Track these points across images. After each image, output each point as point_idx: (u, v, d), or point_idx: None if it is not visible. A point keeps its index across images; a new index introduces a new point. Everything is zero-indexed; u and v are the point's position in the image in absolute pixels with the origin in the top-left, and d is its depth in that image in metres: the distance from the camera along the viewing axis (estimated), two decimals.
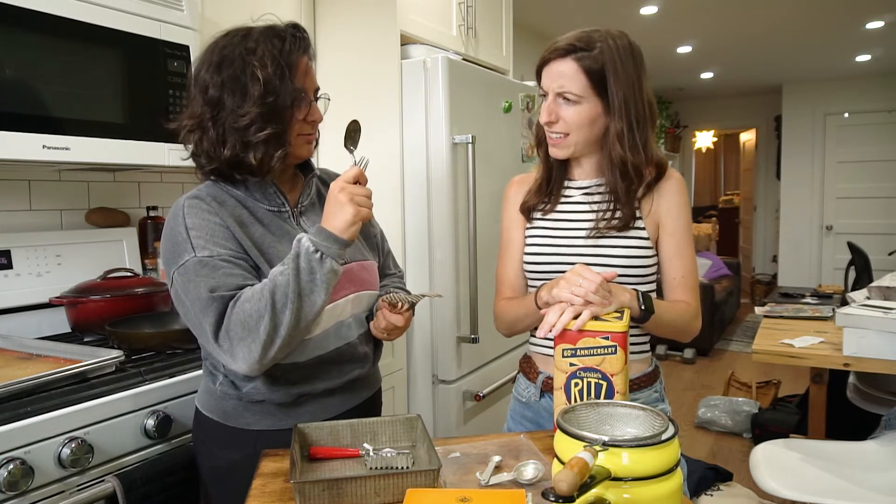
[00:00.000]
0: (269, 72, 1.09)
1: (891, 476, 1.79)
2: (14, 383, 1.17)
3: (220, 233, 1.08)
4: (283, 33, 1.13)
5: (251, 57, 1.10)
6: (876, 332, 2.07)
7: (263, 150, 1.11)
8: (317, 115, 1.19)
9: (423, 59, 2.12)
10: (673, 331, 1.23)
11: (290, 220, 1.21)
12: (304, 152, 1.21)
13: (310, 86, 1.18)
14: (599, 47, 1.17)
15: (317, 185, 1.30)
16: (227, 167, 1.14)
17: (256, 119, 1.09)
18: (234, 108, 1.10)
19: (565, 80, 1.18)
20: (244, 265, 1.08)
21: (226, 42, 1.14)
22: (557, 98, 1.20)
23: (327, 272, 1.03)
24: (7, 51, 1.32)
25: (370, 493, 0.89)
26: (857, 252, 4.17)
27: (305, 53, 1.16)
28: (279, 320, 1.00)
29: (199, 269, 1.04)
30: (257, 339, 1.00)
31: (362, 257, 1.27)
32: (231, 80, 1.10)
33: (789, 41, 5.23)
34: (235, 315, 1.01)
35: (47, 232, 1.73)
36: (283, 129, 1.13)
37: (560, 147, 1.24)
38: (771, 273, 7.87)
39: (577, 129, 1.20)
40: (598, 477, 0.71)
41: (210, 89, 1.11)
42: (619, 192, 1.22)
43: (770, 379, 4.15)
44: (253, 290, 1.03)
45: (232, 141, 1.11)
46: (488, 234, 2.25)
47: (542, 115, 1.23)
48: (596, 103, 1.19)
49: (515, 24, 3.00)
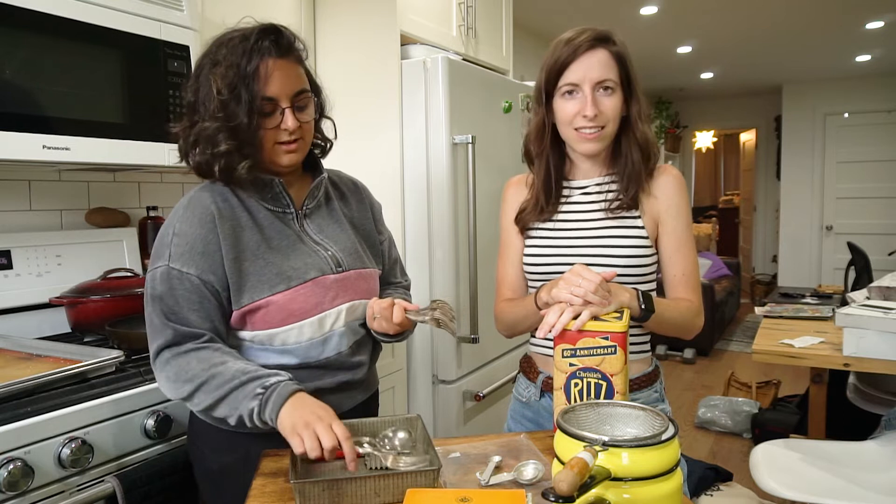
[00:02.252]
0: (221, 85, 1.07)
1: (891, 476, 1.79)
2: (14, 383, 1.17)
3: (199, 247, 1.09)
4: (248, 39, 1.09)
5: (216, 69, 1.09)
6: (876, 332, 2.07)
7: (226, 160, 1.10)
8: (289, 124, 1.12)
9: (423, 59, 2.12)
10: (675, 329, 1.23)
11: (293, 222, 1.20)
12: (285, 161, 1.16)
13: (281, 92, 1.11)
14: (614, 37, 1.20)
15: (326, 188, 1.28)
16: (197, 171, 1.16)
17: (218, 130, 1.09)
18: (202, 118, 1.11)
19: (605, 68, 1.18)
20: (204, 291, 1.09)
21: (206, 51, 1.13)
22: (597, 89, 1.19)
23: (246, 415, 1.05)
24: (7, 51, 1.32)
25: (370, 493, 0.89)
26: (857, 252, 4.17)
27: (274, 56, 1.10)
28: (192, 402, 1.08)
29: (164, 282, 1.09)
30: (180, 390, 1.08)
31: (362, 265, 1.26)
32: (200, 90, 1.11)
33: (789, 41, 5.23)
34: (178, 362, 1.07)
35: (47, 232, 1.73)
36: (246, 141, 1.10)
37: (597, 140, 1.22)
38: (771, 273, 7.87)
39: (613, 119, 1.21)
40: (598, 477, 0.71)
41: (189, 96, 1.14)
42: (641, 173, 1.23)
43: (770, 379, 4.15)
44: (203, 357, 1.07)
45: (201, 147, 1.12)
46: (488, 234, 2.25)
47: (588, 109, 1.17)
48: (621, 93, 1.21)
49: (515, 24, 3.00)
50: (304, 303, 1.14)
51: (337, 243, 1.23)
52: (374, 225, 1.36)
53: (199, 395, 1.06)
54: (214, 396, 1.05)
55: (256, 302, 1.11)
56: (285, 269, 1.14)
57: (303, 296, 1.14)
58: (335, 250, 1.22)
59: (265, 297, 1.11)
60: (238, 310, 1.12)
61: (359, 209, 1.34)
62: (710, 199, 10.00)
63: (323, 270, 1.18)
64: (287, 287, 1.13)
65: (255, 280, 1.12)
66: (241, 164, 1.11)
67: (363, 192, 1.39)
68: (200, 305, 1.09)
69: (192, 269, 1.08)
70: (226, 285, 1.11)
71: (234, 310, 1.12)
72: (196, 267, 1.08)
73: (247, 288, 1.11)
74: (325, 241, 1.22)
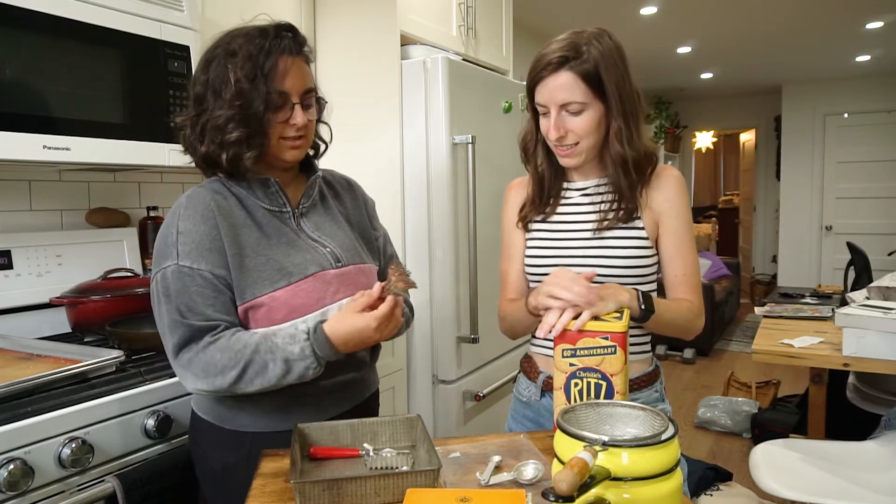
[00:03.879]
0: (241, 74, 1.09)
1: (891, 476, 1.79)
2: (14, 383, 1.17)
3: (206, 243, 1.10)
4: (267, 33, 1.13)
5: (231, 58, 1.11)
6: (875, 332, 2.07)
7: (235, 150, 1.12)
8: (298, 120, 1.15)
9: (423, 59, 2.12)
10: (675, 329, 1.23)
11: (290, 220, 1.21)
12: (289, 156, 1.18)
13: (293, 88, 1.15)
14: (587, 50, 1.16)
15: (320, 187, 1.30)
16: (203, 163, 1.17)
17: (230, 119, 1.10)
18: (212, 108, 1.12)
19: (566, 92, 1.16)
20: (218, 285, 1.10)
21: (218, 42, 1.15)
22: (561, 112, 1.19)
23: (303, 374, 1.08)
24: (7, 51, 1.32)
25: (370, 493, 0.89)
26: (857, 252, 4.17)
27: (290, 54, 1.14)
28: (240, 388, 1.07)
29: (176, 281, 1.08)
30: (212, 384, 1.07)
31: (360, 260, 1.27)
32: (213, 80, 1.12)
33: (789, 41, 5.23)
34: (202, 357, 1.06)
35: (47, 232, 1.73)
36: (256, 131, 1.12)
37: (572, 157, 1.23)
38: (771, 273, 7.87)
39: (586, 136, 1.20)
40: (598, 477, 0.71)
41: (197, 86, 1.15)
42: (623, 189, 1.22)
43: (770, 379, 4.15)
44: (230, 344, 1.06)
45: (208, 139, 1.13)
46: (488, 234, 2.25)
47: (551, 132, 1.20)
48: (598, 106, 1.19)
49: (515, 24, 3.00)
50: (306, 298, 1.15)
51: (335, 240, 1.24)
52: (369, 221, 1.37)
53: (244, 379, 1.06)
54: (259, 384, 1.06)
55: (259, 298, 1.12)
56: (286, 265, 1.15)
57: (304, 291, 1.14)
58: (333, 246, 1.23)
59: (267, 292, 1.12)
60: (241, 305, 1.12)
61: (353, 206, 1.36)
62: (710, 199, 10.00)
63: (323, 266, 1.18)
64: (288, 283, 1.13)
65: (257, 276, 1.12)
66: (249, 154, 1.13)
67: (356, 189, 1.40)
68: (215, 299, 1.09)
69: (202, 264, 1.09)
70: (232, 280, 1.11)
71: (238, 305, 1.12)
72: (206, 262, 1.09)
73: (248, 284, 1.12)
74: (322, 238, 1.23)
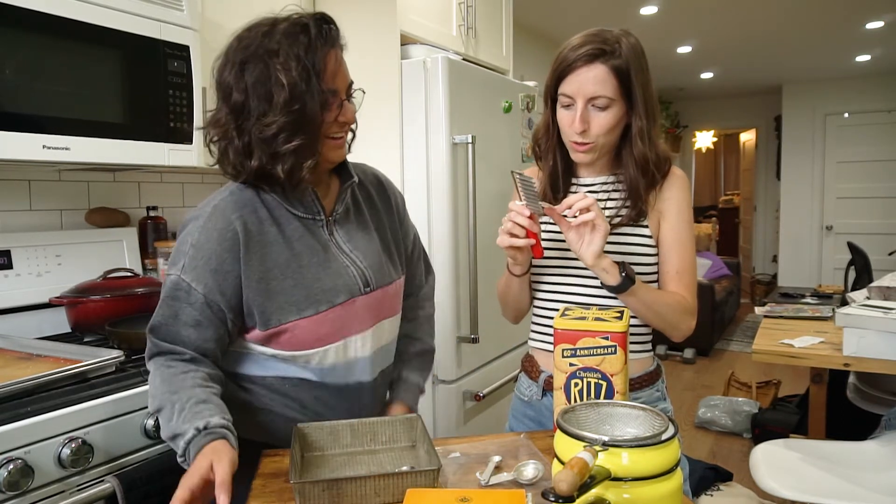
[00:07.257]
0: (293, 76, 1.00)
1: (891, 476, 1.79)
2: (14, 383, 1.17)
3: (213, 264, 1.04)
4: (307, 28, 1.04)
5: (274, 59, 1.01)
6: (876, 332, 2.07)
7: (293, 160, 1.04)
8: (348, 116, 1.10)
9: (423, 59, 2.12)
10: (661, 320, 1.20)
11: (323, 228, 1.15)
12: (335, 156, 1.13)
13: (341, 84, 1.09)
14: (619, 47, 1.15)
15: (352, 190, 1.23)
16: (254, 178, 1.08)
17: (284, 128, 1.01)
18: (259, 116, 1.02)
19: (598, 85, 1.15)
20: (207, 310, 1.05)
21: (249, 41, 1.04)
22: (589, 105, 1.17)
23: (177, 448, 0.98)
24: (7, 51, 1.32)
25: (370, 493, 0.89)
26: (857, 252, 4.17)
27: (333, 48, 1.07)
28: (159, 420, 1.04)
29: (172, 290, 1.06)
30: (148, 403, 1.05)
31: (389, 280, 1.21)
32: (255, 85, 1.02)
33: (789, 41, 5.23)
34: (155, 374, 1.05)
35: (47, 232, 1.73)
36: (313, 137, 1.05)
37: (588, 152, 1.22)
38: (771, 273, 7.87)
39: (606, 133, 1.19)
40: (598, 477, 0.71)
41: (234, 94, 1.03)
42: (639, 188, 1.22)
43: (770, 379, 4.15)
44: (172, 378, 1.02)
45: (259, 152, 1.04)
46: (488, 234, 2.24)
47: (576, 124, 1.17)
48: (622, 104, 1.18)
49: (515, 24, 3.00)
50: (331, 327, 1.12)
51: (366, 257, 1.18)
52: (400, 222, 1.31)
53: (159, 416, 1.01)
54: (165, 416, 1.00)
55: (284, 325, 1.08)
56: (314, 291, 1.10)
57: (330, 321, 1.11)
58: (364, 266, 1.17)
59: (292, 320, 1.08)
60: (264, 331, 1.09)
61: (385, 208, 1.29)
62: (710, 198, 9.99)
63: (352, 292, 1.14)
64: (315, 312, 1.09)
65: (283, 301, 1.08)
66: (308, 163, 1.05)
67: (388, 188, 1.33)
68: (198, 324, 1.05)
69: (200, 285, 1.04)
70: (232, 307, 1.07)
71: (260, 331, 1.09)
72: (205, 285, 1.04)
73: (274, 309, 1.07)
74: (353, 252, 1.17)
